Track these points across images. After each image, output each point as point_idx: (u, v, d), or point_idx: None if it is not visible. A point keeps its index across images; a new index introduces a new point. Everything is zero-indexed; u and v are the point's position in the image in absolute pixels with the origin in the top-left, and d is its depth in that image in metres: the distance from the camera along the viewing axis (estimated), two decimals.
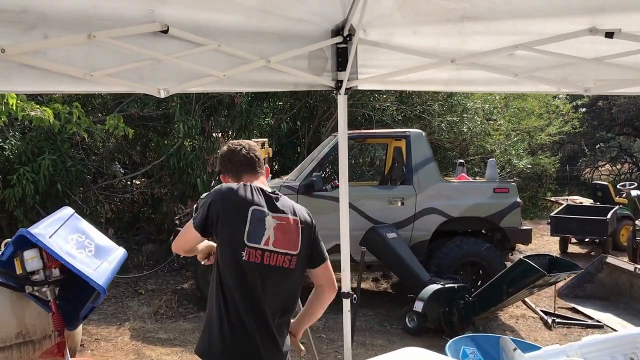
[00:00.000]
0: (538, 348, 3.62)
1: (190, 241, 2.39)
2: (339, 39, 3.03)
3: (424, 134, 7.40)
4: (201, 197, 7.16)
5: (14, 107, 6.35)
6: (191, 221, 2.31)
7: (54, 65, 1.93)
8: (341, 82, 3.12)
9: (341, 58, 3.10)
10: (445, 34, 2.80)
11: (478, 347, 3.74)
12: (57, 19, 1.92)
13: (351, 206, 6.73)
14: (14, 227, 8.28)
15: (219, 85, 2.52)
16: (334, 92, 3.16)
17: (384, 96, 10.84)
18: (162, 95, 2.24)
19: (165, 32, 2.21)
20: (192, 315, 6.53)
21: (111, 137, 9.66)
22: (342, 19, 2.95)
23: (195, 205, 7.08)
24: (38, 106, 6.80)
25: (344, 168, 3.35)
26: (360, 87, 3.28)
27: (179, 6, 2.25)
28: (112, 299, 6.96)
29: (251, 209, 2.26)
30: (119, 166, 10.75)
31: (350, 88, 3.16)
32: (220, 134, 10.14)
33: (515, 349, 3.29)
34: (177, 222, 7.43)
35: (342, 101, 3.19)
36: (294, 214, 2.38)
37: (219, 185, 2.33)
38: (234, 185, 2.31)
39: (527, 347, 3.59)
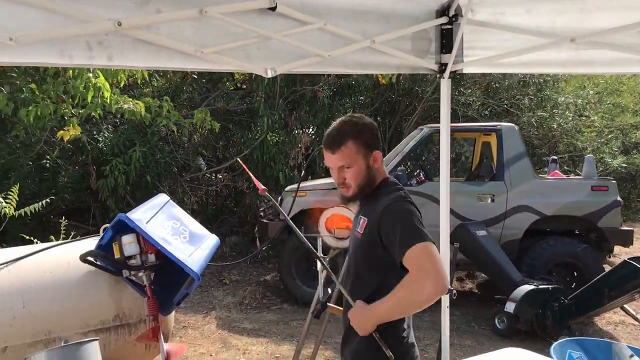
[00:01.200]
0: None
1: None
2: (444, 20, 2.88)
3: (516, 127, 7.07)
4: (285, 190, 7.17)
5: (109, 100, 6.59)
6: (429, 245, 1.90)
7: (166, 40, 1.90)
8: (445, 65, 2.96)
9: (446, 40, 2.94)
10: (563, 11, 2.60)
11: (585, 352, 3.47)
12: None
13: (437, 202, 6.52)
14: (106, 216, 8.62)
15: (324, 65, 2.44)
16: (438, 75, 3.01)
17: (470, 91, 10.51)
18: (269, 74, 2.18)
19: (274, 9, 2.14)
20: (276, 307, 6.54)
21: (196, 132, 9.89)
22: None
23: (280, 198, 7.08)
24: (131, 99, 7.03)
25: (446, 160, 3.20)
26: (466, 71, 3.11)
27: None
28: (198, 288, 7.07)
29: None
30: (202, 161, 11.00)
31: (455, 71, 3.00)
32: (301, 129, 10.16)
33: (632, 356, 3.02)
34: (261, 214, 7.47)
35: (445, 85, 3.03)
36: None
37: (402, 198, 2.06)
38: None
39: None
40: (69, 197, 8.15)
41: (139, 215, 3.69)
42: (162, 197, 4.08)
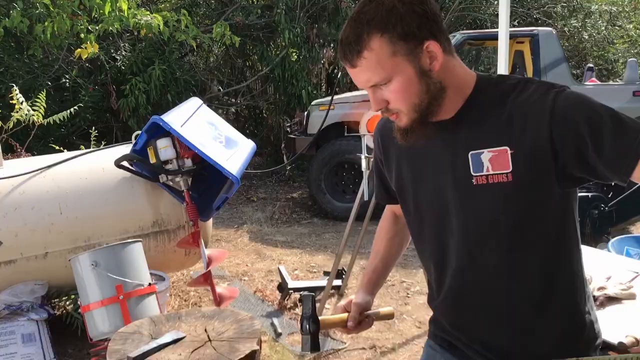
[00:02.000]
0: None
1: None
2: None
3: (554, 32, 6.72)
4: (312, 104, 6.96)
5: (126, 14, 6.34)
6: None
7: None
8: None
9: None
10: None
11: None
12: None
13: None
14: (128, 137, 8.51)
15: None
16: None
17: (497, 2, 10.02)
18: None
19: None
20: (306, 221, 6.50)
21: (211, 55, 9.59)
22: None
23: (305, 113, 6.89)
24: (148, 13, 6.77)
25: (503, 61, 2.96)
26: None
27: None
28: (227, 205, 6.95)
29: None
30: (218, 87, 10.74)
31: None
32: (323, 44, 9.79)
33: None
34: (288, 129, 7.32)
35: None
36: None
37: (555, 85, 1.26)
38: None
39: None
40: (90, 117, 8.01)
41: (173, 118, 3.54)
42: (195, 101, 3.91)
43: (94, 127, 5.43)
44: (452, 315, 1.46)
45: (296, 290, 4.25)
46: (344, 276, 4.41)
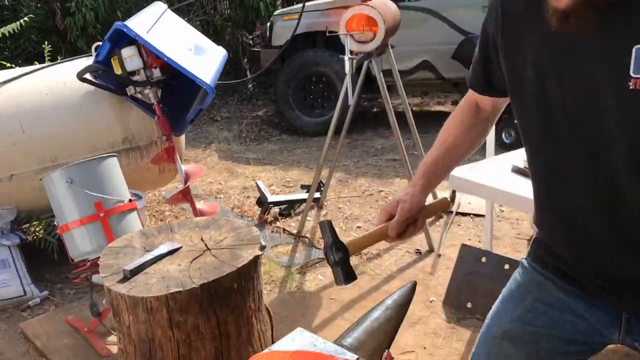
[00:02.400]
0: None
1: None
2: None
3: None
4: (274, 14, 6.64)
5: None
6: None
7: None
8: None
9: None
10: None
11: None
12: None
13: (439, 17, 6.12)
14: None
15: None
16: None
17: None
18: None
19: None
20: (275, 138, 6.34)
21: None
22: None
23: (268, 24, 6.57)
24: None
25: None
26: None
27: None
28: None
29: None
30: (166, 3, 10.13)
31: None
32: None
33: None
34: (250, 42, 6.99)
35: None
36: None
37: None
38: None
39: None
40: (35, 39, 7.47)
41: (138, 24, 3.26)
42: (159, 5, 3.62)
43: (47, 42, 5.01)
44: (572, 247, 1.19)
45: (276, 204, 4.16)
46: (322, 188, 4.34)
